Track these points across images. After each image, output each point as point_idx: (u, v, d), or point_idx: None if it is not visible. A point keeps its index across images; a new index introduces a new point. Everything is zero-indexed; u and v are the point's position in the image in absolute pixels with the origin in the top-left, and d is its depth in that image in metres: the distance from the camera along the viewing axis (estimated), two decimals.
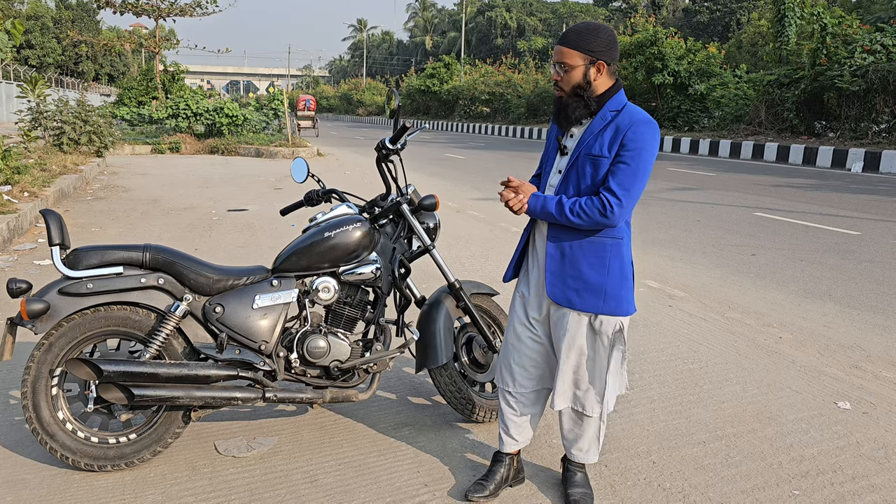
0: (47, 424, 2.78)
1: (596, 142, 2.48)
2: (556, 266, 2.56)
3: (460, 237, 7.95)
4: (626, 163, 2.43)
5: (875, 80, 19.23)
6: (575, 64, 2.46)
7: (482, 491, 2.73)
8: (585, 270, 2.52)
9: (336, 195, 3.48)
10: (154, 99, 24.74)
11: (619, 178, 2.43)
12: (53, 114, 14.67)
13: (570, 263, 2.54)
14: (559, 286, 2.56)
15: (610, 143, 2.45)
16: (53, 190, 9.50)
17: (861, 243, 7.99)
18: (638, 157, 2.42)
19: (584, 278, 2.52)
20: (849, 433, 3.37)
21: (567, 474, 2.82)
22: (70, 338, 2.77)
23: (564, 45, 2.47)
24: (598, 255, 2.52)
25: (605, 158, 2.46)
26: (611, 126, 2.47)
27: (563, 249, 2.55)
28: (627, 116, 2.47)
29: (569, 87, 2.50)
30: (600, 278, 2.52)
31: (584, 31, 2.47)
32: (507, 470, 2.82)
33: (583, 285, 2.53)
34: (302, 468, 2.95)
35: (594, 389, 2.63)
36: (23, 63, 53.04)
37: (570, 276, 2.54)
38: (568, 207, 2.48)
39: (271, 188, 12.26)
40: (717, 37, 51.19)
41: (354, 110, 71.62)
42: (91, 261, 2.79)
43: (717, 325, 5.00)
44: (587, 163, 2.50)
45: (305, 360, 3.01)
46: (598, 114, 2.51)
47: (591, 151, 2.48)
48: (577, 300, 2.53)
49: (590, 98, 2.50)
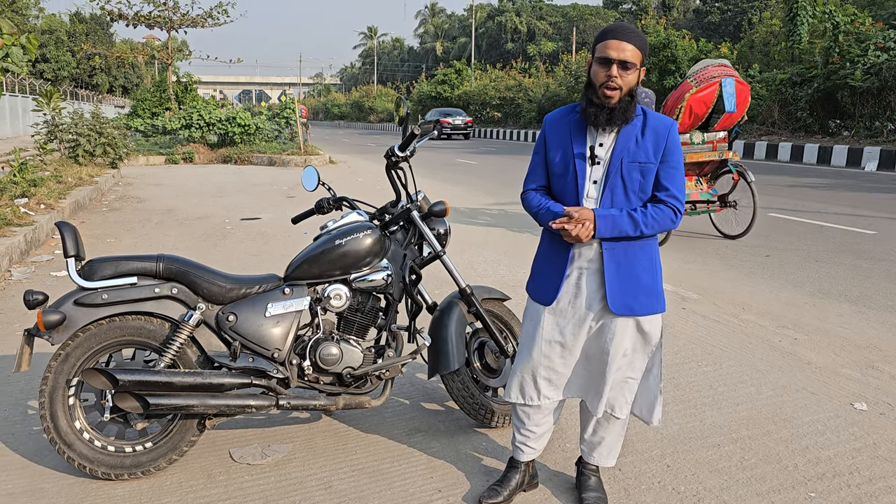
0: (65, 434, 2.82)
1: (639, 148, 2.44)
2: (614, 278, 2.49)
3: (472, 243, 7.95)
4: (675, 167, 2.47)
5: (889, 77, 19.07)
6: (638, 63, 2.41)
7: (496, 496, 2.74)
8: (640, 274, 2.52)
9: (346, 203, 3.50)
10: (167, 110, 24.93)
11: (677, 183, 2.47)
12: (69, 126, 14.83)
13: (626, 271, 2.50)
14: (619, 297, 2.49)
15: (654, 148, 2.44)
16: (69, 202, 9.60)
17: (877, 242, 7.91)
18: (679, 158, 2.49)
19: (640, 283, 2.51)
20: (865, 434, 3.34)
21: (582, 478, 2.82)
22: (86, 348, 2.80)
23: (631, 42, 2.37)
24: (649, 257, 2.54)
25: (653, 164, 2.45)
26: (647, 131, 2.45)
27: (618, 260, 2.50)
28: (657, 121, 2.48)
29: (627, 87, 2.41)
30: (652, 279, 2.54)
31: (638, 32, 2.43)
32: (521, 476, 2.82)
33: (640, 290, 2.51)
34: (316, 475, 2.97)
35: (628, 391, 2.65)
36: (38, 77, 53.67)
37: (628, 284, 2.50)
38: (641, 221, 2.44)
39: (284, 196, 12.33)
40: (729, 37, 50.93)
41: (366, 117, 71.85)
42: (106, 272, 2.82)
43: (732, 326, 4.98)
44: (634, 170, 2.45)
45: (318, 368, 3.02)
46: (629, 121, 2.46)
47: (638, 158, 2.44)
48: (637, 306, 2.52)
49: (636, 101, 2.47)
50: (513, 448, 2.85)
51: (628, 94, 2.42)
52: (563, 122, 2.59)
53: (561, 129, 2.58)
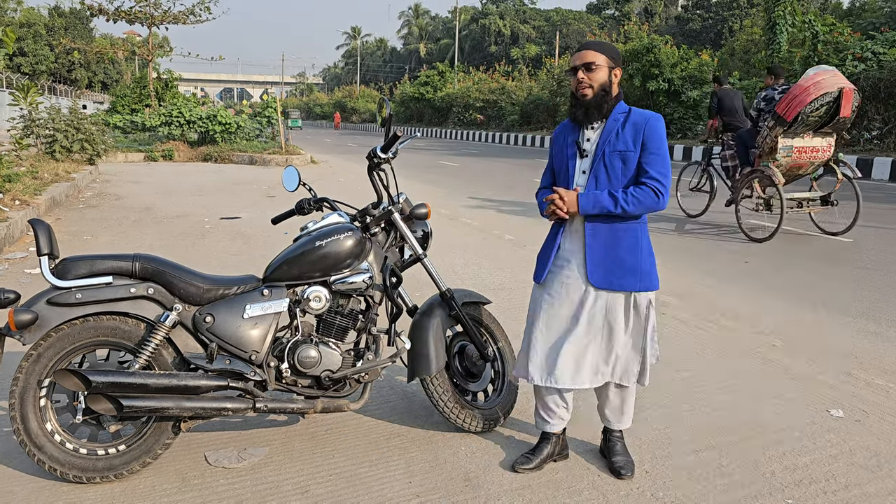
0: (35, 436, 2.76)
1: (619, 139, 2.79)
2: (594, 254, 2.81)
3: (454, 245, 7.94)
4: (656, 153, 2.78)
5: (866, 87, 19.33)
6: (601, 63, 2.80)
7: (528, 463, 2.99)
8: (623, 255, 2.81)
9: (327, 203, 3.47)
10: (147, 106, 24.66)
11: (657, 167, 2.77)
12: (46, 121, 14.62)
13: (609, 250, 2.81)
14: (600, 272, 2.80)
15: (633, 138, 2.78)
16: (45, 198, 9.46)
17: (854, 250, 8.01)
18: (662, 145, 2.79)
19: (622, 262, 2.80)
20: (842, 441, 3.36)
21: (609, 444, 3.09)
22: (58, 348, 2.75)
23: (589, 49, 2.82)
24: (633, 238, 2.83)
25: (633, 152, 2.78)
26: (628, 124, 2.80)
27: (601, 239, 2.81)
28: (638, 115, 2.82)
29: (597, 84, 2.79)
30: (635, 259, 2.82)
31: (603, 42, 2.88)
32: (553, 447, 3.05)
33: (623, 269, 2.80)
34: (293, 479, 2.93)
35: (632, 362, 2.92)
36: (15, 70, 52.90)
37: (610, 261, 2.80)
38: (622, 198, 2.74)
39: (264, 196, 12.24)
40: (710, 44, 51.43)
41: (349, 118, 71.64)
42: (80, 271, 2.77)
43: (711, 332, 5.00)
44: (615, 158, 2.79)
45: (296, 370, 2.99)
46: (609, 117, 2.83)
47: (618, 147, 2.78)
48: (617, 282, 2.81)
49: (610, 97, 2.82)
50: (538, 423, 3.07)
51: (601, 90, 2.81)
52: (566, 128, 2.99)
53: (564, 133, 2.98)
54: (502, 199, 12.41)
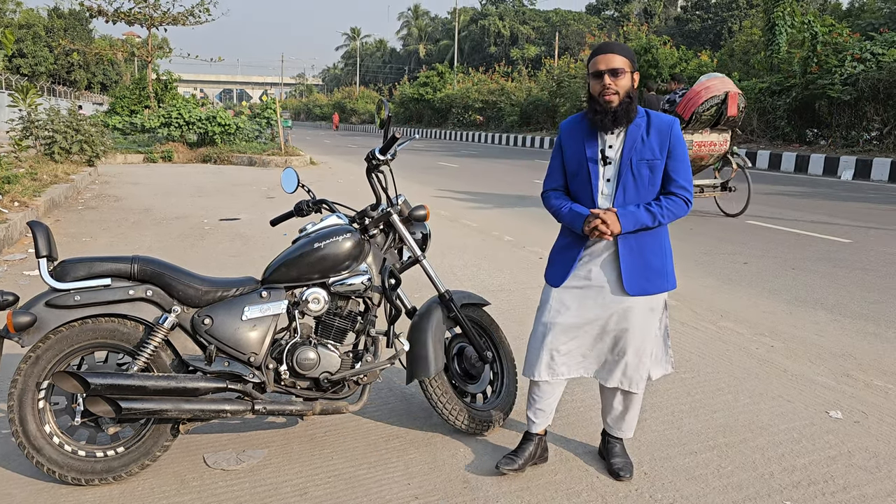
0: (34, 438, 2.76)
1: (646, 146, 2.74)
2: (628, 262, 2.78)
3: (453, 246, 7.94)
4: (680, 160, 2.77)
5: (865, 88, 19.36)
6: (627, 69, 2.72)
7: (512, 464, 2.96)
8: (651, 258, 2.81)
9: (326, 205, 3.47)
10: (146, 108, 24.67)
11: (685, 175, 2.77)
12: (45, 123, 14.62)
13: (638, 257, 2.79)
14: (634, 280, 2.79)
15: (660, 145, 2.74)
16: (44, 199, 9.46)
17: (852, 251, 8.01)
18: (685, 152, 2.78)
19: (651, 266, 2.81)
20: (840, 442, 3.37)
21: (608, 446, 3.07)
22: (57, 350, 2.75)
23: (613, 53, 2.70)
24: (659, 242, 2.84)
25: (660, 160, 2.74)
26: (652, 130, 2.75)
27: (630, 246, 2.79)
28: (659, 120, 2.77)
29: (624, 91, 2.71)
30: (661, 261, 2.85)
31: (623, 45, 2.79)
32: (535, 448, 3.04)
33: (651, 272, 2.81)
34: (292, 481, 2.93)
35: (642, 367, 2.89)
36: (14, 72, 52.90)
37: (641, 268, 2.79)
38: (658, 213, 2.74)
39: (264, 197, 12.24)
40: (709, 45, 51.43)
41: (348, 118, 71.65)
42: (79, 273, 2.77)
43: (709, 333, 5.00)
44: (643, 167, 2.74)
45: (295, 372, 2.99)
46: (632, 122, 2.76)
47: (646, 156, 2.73)
48: (650, 286, 2.81)
49: (635, 104, 2.75)
50: (528, 422, 3.06)
51: (626, 96, 2.71)
52: (576, 128, 2.88)
53: (575, 134, 2.87)
54: (502, 201, 12.41)
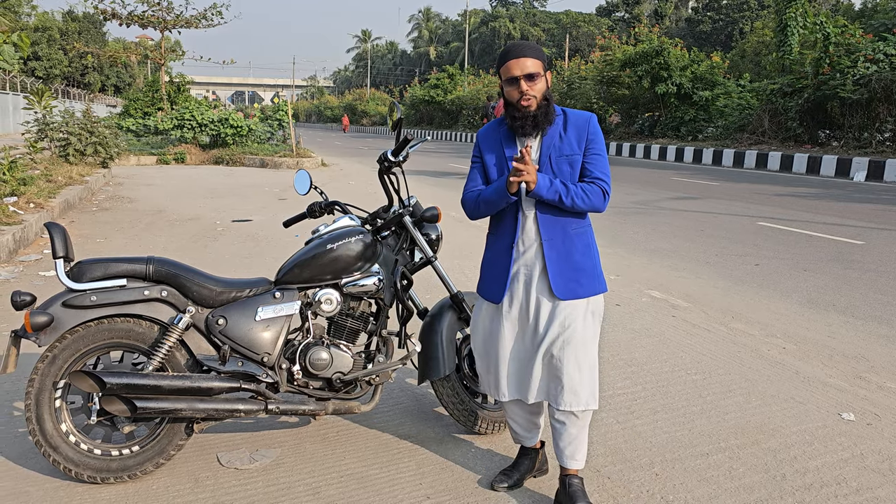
0: (50, 437, 2.79)
1: (563, 143, 2.67)
2: (555, 266, 2.67)
3: (464, 248, 7.95)
4: (599, 153, 2.68)
5: (878, 89, 19.22)
6: (541, 72, 2.64)
7: (506, 481, 2.88)
8: (579, 259, 2.69)
9: (338, 207, 3.49)
10: (159, 110, 24.84)
11: (601, 168, 2.67)
12: (59, 125, 14.75)
13: (565, 259, 2.68)
14: (562, 283, 2.66)
15: (577, 139, 2.67)
16: (59, 201, 9.55)
17: (865, 253, 7.97)
18: (602, 146, 2.70)
19: (580, 267, 2.68)
20: (853, 445, 3.35)
21: (569, 489, 2.74)
22: (73, 350, 2.78)
23: (528, 57, 2.62)
24: (585, 242, 2.72)
25: (578, 155, 2.67)
26: (569, 127, 2.68)
27: (557, 249, 2.68)
28: (575, 116, 2.71)
29: (540, 95, 2.64)
30: (591, 262, 2.71)
31: (534, 45, 2.71)
32: (531, 462, 2.95)
33: (580, 274, 2.68)
34: (304, 480, 2.95)
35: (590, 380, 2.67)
36: (30, 75, 53.34)
37: (569, 270, 2.67)
38: (572, 189, 2.61)
39: (275, 198, 12.30)
40: (720, 46, 51.26)
41: (359, 120, 71.83)
42: (95, 273, 2.81)
43: (721, 335, 4.99)
44: (563, 163, 2.67)
45: (308, 372, 3.01)
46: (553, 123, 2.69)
47: (564, 152, 2.67)
48: (581, 289, 2.67)
49: (552, 105, 2.69)
50: (514, 438, 2.98)
51: (543, 99, 2.65)
52: (494, 134, 2.81)
53: (492, 140, 2.81)
54: None
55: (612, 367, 4.30)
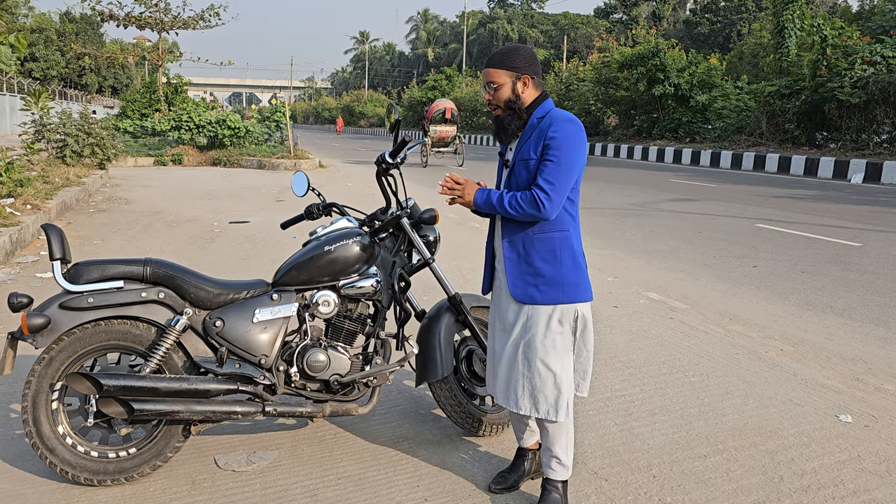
0: (47, 439, 2.78)
1: (526, 146, 2.68)
2: (513, 266, 2.69)
3: (461, 249, 7.95)
4: (551, 159, 2.59)
5: (875, 91, 19.25)
6: (502, 81, 2.67)
7: (504, 483, 2.89)
8: (540, 265, 2.65)
9: (336, 209, 3.49)
10: (157, 111, 24.82)
11: (546, 174, 2.59)
12: (56, 126, 14.73)
13: (525, 261, 2.68)
14: (520, 285, 2.68)
15: (535, 144, 2.64)
16: (56, 202, 9.53)
17: (862, 255, 7.98)
18: (560, 152, 2.57)
19: (540, 272, 2.65)
20: (850, 447, 3.36)
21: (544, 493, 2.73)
22: (70, 352, 2.77)
23: (491, 67, 2.69)
24: (549, 248, 2.66)
25: (533, 160, 2.64)
26: (536, 131, 2.66)
27: (517, 250, 2.69)
28: (549, 119, 2.66)
29: (501, 102, 2.69)
30: (555, 270, 2.65)
31: (507, 52, 2.71)
32: (529, 463, 2.95)
33: (540, 279, 2.65)
34: (302, 482, 2.95)
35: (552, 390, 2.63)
36: (27, 76, 53.29)
37: (528, 273, 2.67)
38: (507, 200, 2.63)
39: (273, 200, 12.29)
40: (718, 48, 51.30)
41: (357, 122, 71.81)
42: (92, 275, 2.80)
43: (719, 337, 5.00)
44: (521, 167, 2.68)
45: (305, 374, 3.01)
46: (528, 123, 2.71)
47: (523, 156, 2.68)
48: (538, 294, 2.65)
49: (520, 110, 2.69)
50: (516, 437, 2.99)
51: (507, 107, 2.69)
52: None
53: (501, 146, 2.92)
54: None
55: (609, 369, 4.31)
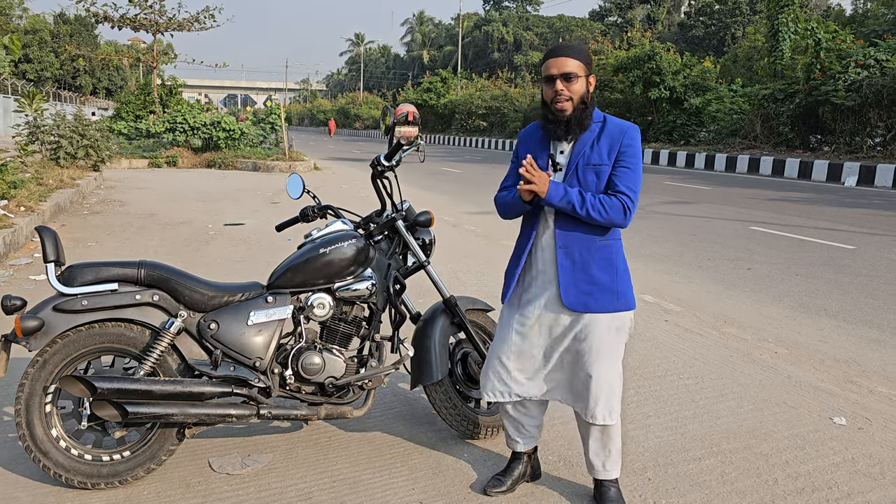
0: (41, 442, 2.77)
1: (594, 151, 2.61)
2: (567, 275, 2.63)
3: (456, 252, 7.96)
4: (628, 167, 2.59)
5: (869, 94, 19.35)
6: (580, 73, 2.58)
7: (500, 486, 2.88)
8: (597, 273, 2.63)
9: (331, 211, 3.49)
10: (151, 113, 24.77)
11: (627, 182, 2.58)
12: (50, 128, 14.68)
13: (581, 269, 2.63)
14: (573, 293, 2.62)
15: (608, 151, 2.59)
16: (50, 204, 9.50)
17: (856, 257, 8.01)
18: (635, 160, 2.61)
19: (596, 281, 2.62)
20: (844, 449, 3.37)
21: (601, 490, 2.81)
22: (64, 355, 2.76)
23: (567, 56, 2.57)
24: (607, 256, 2.65)
25: (607, 166, 2.60)
26: (603, 135, 2.61)
27: (573, 258, 2.64)
28: (615, 125, 2.63)
29: (577, 97, 2.58)
30: (611, 278, 2.64)
31: (577, 45, 2.67)
32: (524, 467, 2.94)
33: (596, 288, 2.62)
34: (296, 485, 2.94)
35: (610, 395, 2.66)
36: (21, 77, 53.14)
37: (583, 282, 2.62)
38: (589, 201, 2.55)
39: (268, 202, 12.27)
40: (713, 51, 51.47)
41: (352, 124, 71.81)
42: (86, 277, 2.79)
43: (713, 339, 5.01)
44: (588, 172, 2.61)
45: (300, 377, 3.00)
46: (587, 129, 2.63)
47: (592, 161, 2.60)
48: (594, 303, 2.62)
49: (591, 107, 2.63)
50: (509, 442, 2.96)
51: (581, 102, 2.59)
52: (533, 136, 2.79)
53: (530, 142, 2.79)
54: None
55: None
